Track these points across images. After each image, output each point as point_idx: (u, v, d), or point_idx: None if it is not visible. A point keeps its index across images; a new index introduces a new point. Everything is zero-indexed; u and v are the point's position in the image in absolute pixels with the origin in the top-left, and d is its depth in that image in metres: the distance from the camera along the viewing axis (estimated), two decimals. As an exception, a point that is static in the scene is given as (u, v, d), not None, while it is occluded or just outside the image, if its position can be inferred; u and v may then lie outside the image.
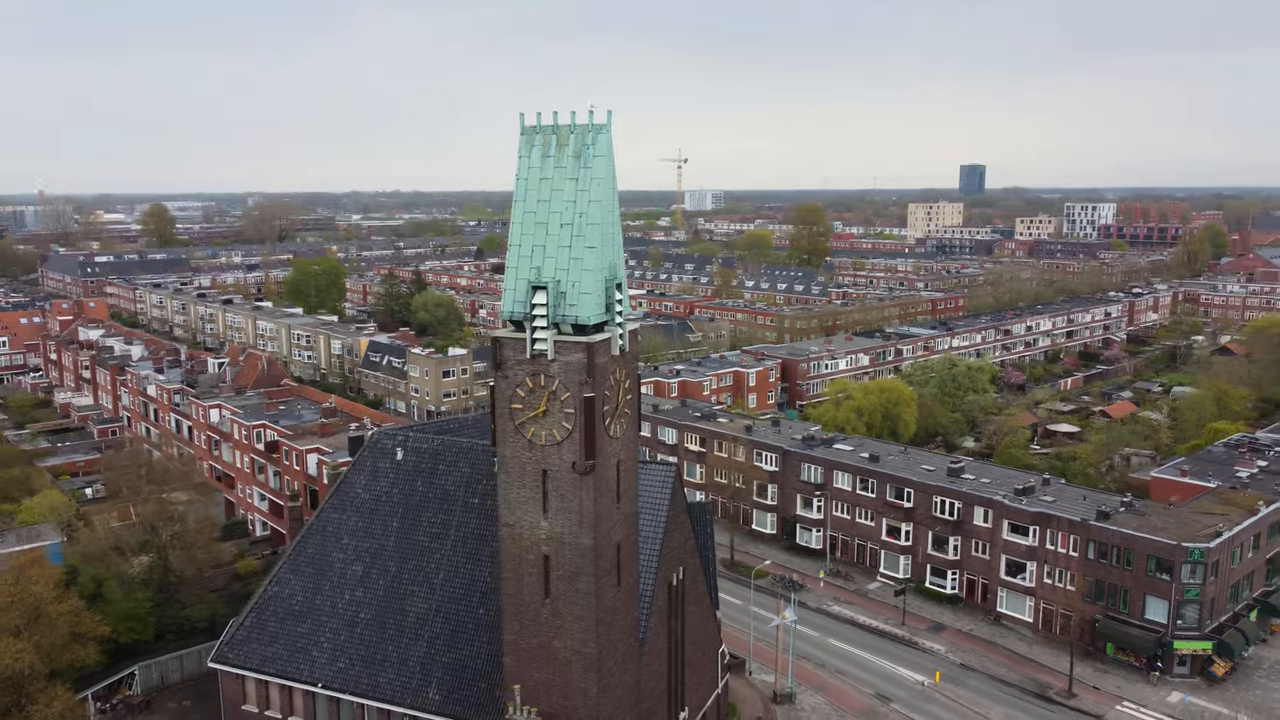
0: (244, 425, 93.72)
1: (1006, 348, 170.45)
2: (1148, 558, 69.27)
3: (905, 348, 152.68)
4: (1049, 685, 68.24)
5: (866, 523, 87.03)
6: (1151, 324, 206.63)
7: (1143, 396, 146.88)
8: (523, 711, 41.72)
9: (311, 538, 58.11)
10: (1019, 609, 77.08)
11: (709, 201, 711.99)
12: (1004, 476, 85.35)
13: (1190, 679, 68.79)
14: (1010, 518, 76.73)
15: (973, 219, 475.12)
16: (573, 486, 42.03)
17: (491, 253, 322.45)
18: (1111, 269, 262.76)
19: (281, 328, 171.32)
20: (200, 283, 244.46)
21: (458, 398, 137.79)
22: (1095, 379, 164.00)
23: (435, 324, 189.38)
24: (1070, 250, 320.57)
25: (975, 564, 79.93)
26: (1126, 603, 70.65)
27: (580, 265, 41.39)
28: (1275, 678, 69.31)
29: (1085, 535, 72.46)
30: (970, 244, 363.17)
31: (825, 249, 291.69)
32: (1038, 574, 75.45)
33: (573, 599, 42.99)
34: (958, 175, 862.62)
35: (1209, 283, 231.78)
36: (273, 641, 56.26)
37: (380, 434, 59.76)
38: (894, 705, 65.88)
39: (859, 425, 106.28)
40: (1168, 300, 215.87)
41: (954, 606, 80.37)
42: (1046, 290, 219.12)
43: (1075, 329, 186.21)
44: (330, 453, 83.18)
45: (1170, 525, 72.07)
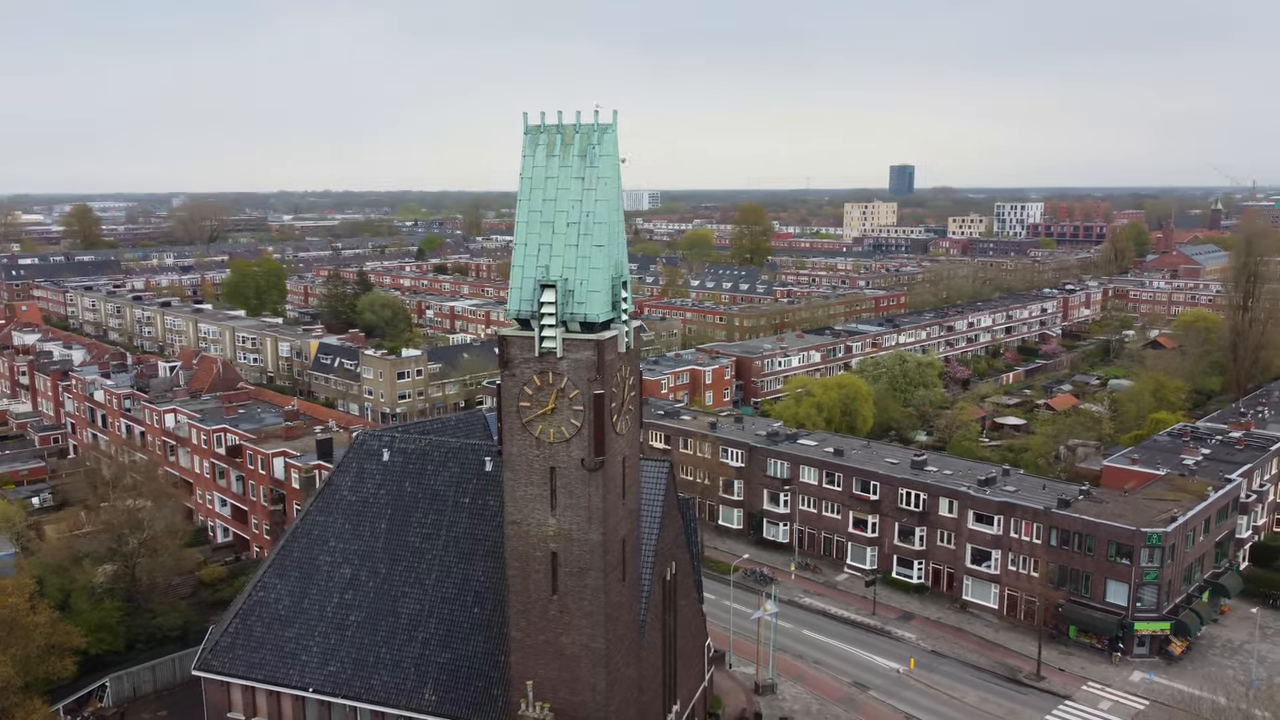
0: (203, 429, 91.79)
1: (950, 343, 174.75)
2: (1108, 543, 72.00)
3: (854, 344, 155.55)
4: (1018, 669, 70.53)
5: (833, 516, 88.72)
6: (1084, 319, 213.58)
7: (1082, 389, 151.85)
8: (536, 707, 41.92)
9: (296, 541, 57.39)
10: (984, 596, 79.41)
11: (646, 201, 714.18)
12: (965, 468, 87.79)
13: (1150, 658, 71.73)
14: (975, 508, 79.03)
15: (905, 219, 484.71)
16: (581, 483, 42.40)
17: (433, 253, 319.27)
18: (1043, 266, 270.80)
19: (225, 330, 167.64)
20: (133, 285, 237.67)
21: (413, 399, 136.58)
22: (1035, 373, 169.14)
23: (382, 325, 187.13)
24: (1002, 248, 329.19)
25: (941, 554, 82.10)
26: (1088, 587, 73.32)
27: (588, 264, 41.77)
28: (1228, 655, 72.61)
29: (1048, 523, 75.01)
30: (906, 243, 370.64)
31: (767, 248, 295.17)
32: (1002, 562, 77.84)
33: (581, 595, 43.37)
34: (887, 175, 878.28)
35: (1136, 279, 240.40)
36: (259, 647, 55.45)
37: (365, 435, 59.29)
38: (872, 693, 67.46)
39: (819, 421, 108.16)
40: (1099, 296, 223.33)
41: (921, 595, 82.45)
42: (984, 288, 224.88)
43: (1014, 325, 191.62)
44: (298, 456, 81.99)
45: (1127, 512, 74.99)
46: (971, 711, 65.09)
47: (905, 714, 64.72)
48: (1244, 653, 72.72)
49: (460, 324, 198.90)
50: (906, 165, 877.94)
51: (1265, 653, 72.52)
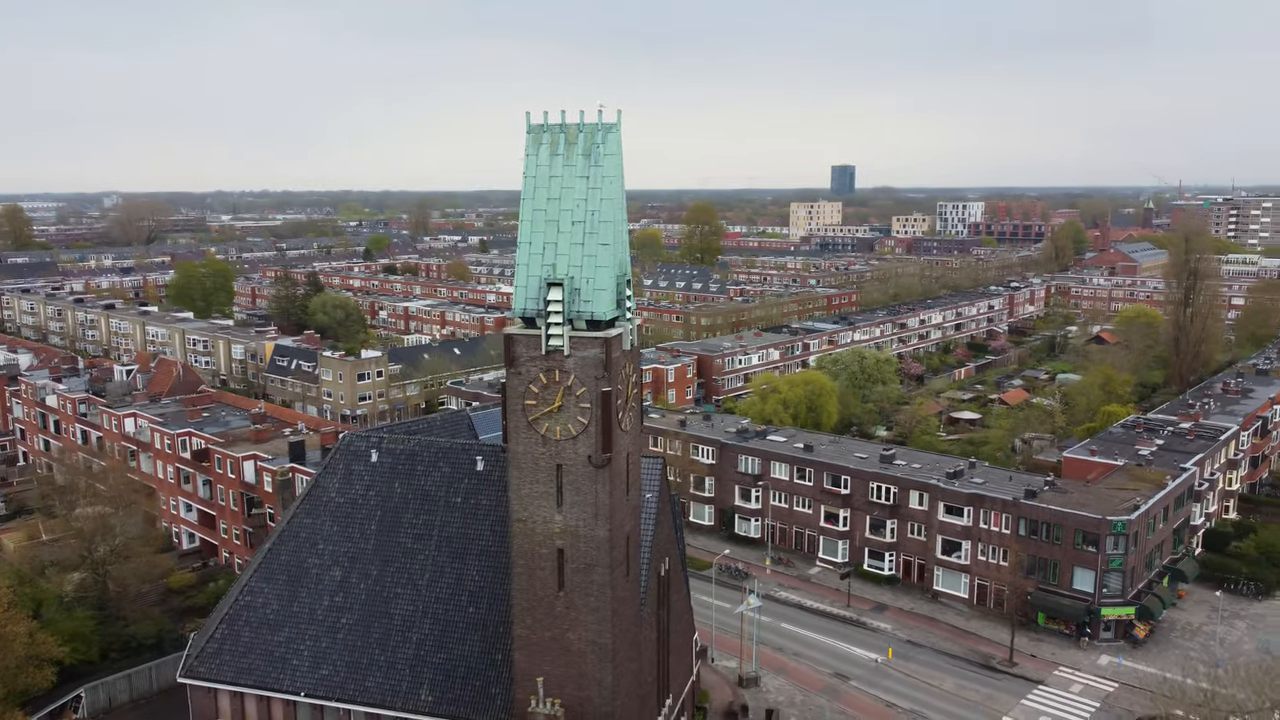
0: (167, 434, 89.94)
1: (902, 340, 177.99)
2: (1075, 532, 74.28)
3: (812, 342, 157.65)
4: (991, 656, 72.39)
5: (804, 510, 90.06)
6: (1029, 316, 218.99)
7: (1032, 384, 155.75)
8: (546, 704, 42.12)
9: (284, 544, 56.71)
10: (955, 586, 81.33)
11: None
12: (932, 461, 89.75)
13: (1115, 643, 74.16)
14: (946, 500, 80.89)
15: (849, 218, 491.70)
16: (588, 480, 42.70)
17: (380, 253, 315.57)
18: (987, 264, 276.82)
19: (175, 333, 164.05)
20: (72, 287, 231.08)
21: (373, 400, 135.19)
22: (985, 368, 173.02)
23: (334, 326, 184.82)
24: (946, 247, 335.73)
25: (912, 545, 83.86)
26: (1056, 575, 75.52)
27: (595, 262, 42.09)
28: (1188, 637, 75.36)
29: (1017, 513, 77.11)
30: (853, 241, 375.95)
31: (717, 248, 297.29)
32: (972, 552, 79.82)
33: (588, 591, 43.67)
34: (829, 175, 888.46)
35: (1077, 276, 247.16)
36: (247, 652, 54.70)
37: (352, 436, 58.82)
38: (853, 683, 68.74)
39: (786, 417, 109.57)
40: (1042, 293, 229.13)
41: (892, 587, 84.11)
42: (932, 286, 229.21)
43: (963, 322, 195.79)
44: (269, 459, 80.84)
45: (1091, 501, 77.40)
46: (949, 698, 66.71)
47: (886, 703, 66.09)
48: (1203, 634, 75.57)
49: (415, 324, 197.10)
50: (848, 165, 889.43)
51: (1223, 634, 75.42)
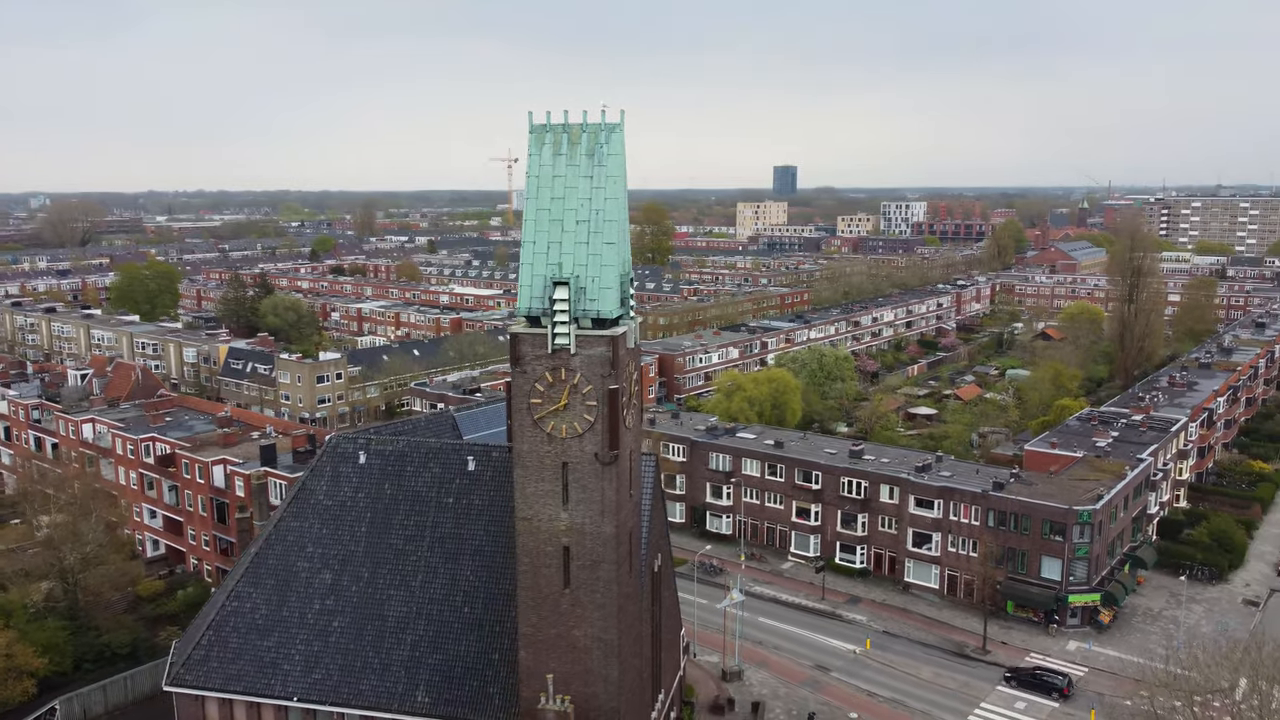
0: (130, 439, 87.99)
1: (856, 338, 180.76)
2: (1043, 522, 76.48)
3: (770, 340, 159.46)
4: (964, 644, 74.24)
5: (776, 506, 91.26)
6: (976, 313, 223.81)
7: (983, 379, 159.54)
8: (557, 700, 42.37)
9: (271, 548, 56.08)
10: (926, 577, 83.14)
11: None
12: (899, 456, 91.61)
13: (1081, 628, 76.52)
14: (916, 493, 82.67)
15: (794, 218, 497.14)
16: (594, 477, 43.08)
17: (327, 254, 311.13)
18: (932, 263, 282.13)
19: (122, 336, 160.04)
20: (7, 290, 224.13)
21: (333, 403, 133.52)
22: (937, 365, 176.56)
23: (286, 328, 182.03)
24: (891, 246, 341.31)
25: (883, 538, 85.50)
26: (1024, 564, 77.67)
27: (600, 261, 42.47)
28: (1148, 621, 78.07)
29: (986, 505, 79.13)
30: (799, 241, 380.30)
31: (668, 248, 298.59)
32: (943, 543, 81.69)
33: (594, 587, 44.04)
34: (771, 176, 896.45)
35: (1020, 274, 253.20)
36: (236, 659, 54.00)
37: (339, 438, 58.33)
38: (833, 674, 70.01)
39: (751, 415, 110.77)
40: (988, 291, 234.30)
41: (864, 579, 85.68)
42: (882, 284, 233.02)
43: (913, 319, 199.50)
44: (240, 463, 79.60)
45: (1056, 492, 79.74)
46: (928, 686, 68.30)
47: (868, 692, 67.45)
48: (1164, 618, 78.35)
49: (369, 326, 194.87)
50: (790, 166, 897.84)
51: (1182, 618, 78.26)
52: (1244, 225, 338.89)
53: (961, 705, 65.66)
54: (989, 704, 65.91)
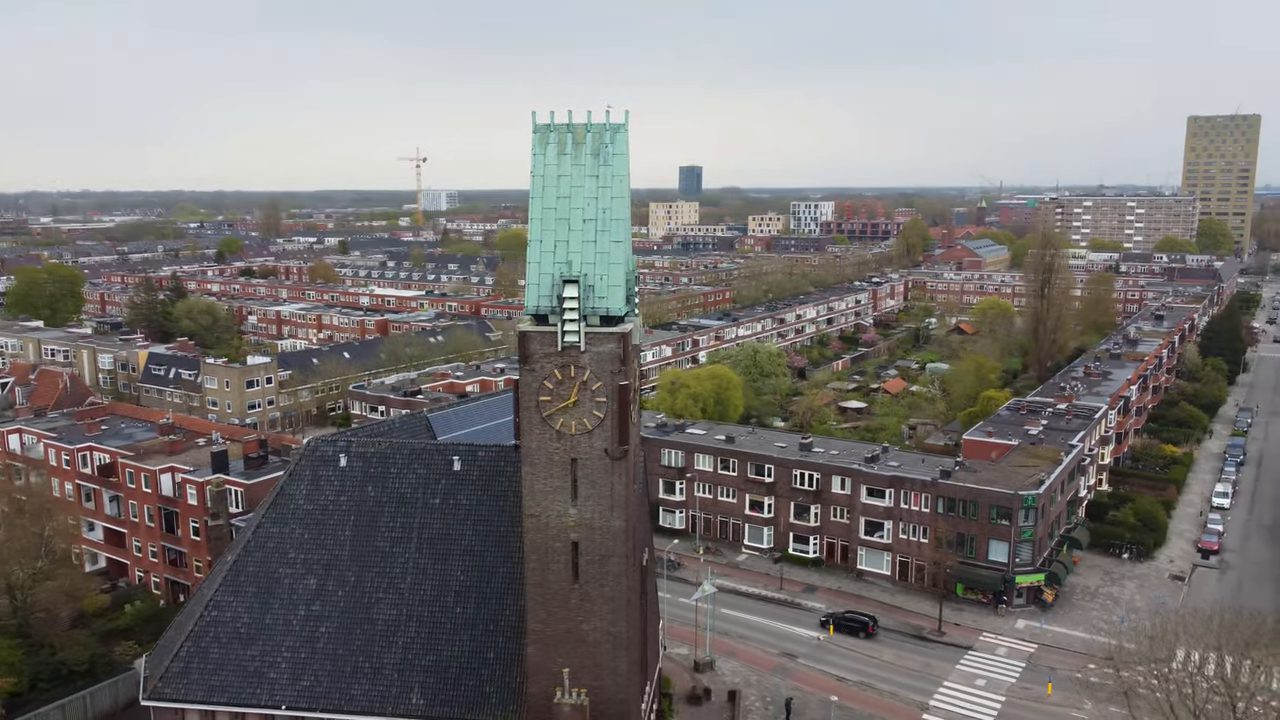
0: (65, 449, 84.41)
1: (781, 335, 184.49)
2: (990, 507, 79.94)
3: (700, 338, 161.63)
4: (921, 627, 77.10)
5: (729, 500, 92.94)
6: (891, 309, 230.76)
7: (905, 373, 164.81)
8: (572, 694, 42.81)
9: (250, 555, 54.89)
10: (878, 564, 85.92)
11: (444, 201, 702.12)
12: (846, 448, 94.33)
13: (1027, 607, 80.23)
14: (868, 483, 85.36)
15: (704, 218, 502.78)
16: (604, 472, 43.66)
17: (234, 256, 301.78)
18: (844, 261, 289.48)
19: (28, 343, 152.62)
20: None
21: (263, 409, 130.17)
22: (859, 360, 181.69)
23: (201, 332, 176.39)
24: (802, 245, 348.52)
25: (835, 528, 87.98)
26: (973, 548, 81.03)
27: (608, 259, 43.07)
28: (1088, 599, 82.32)
29: (935, 493, 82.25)
30: (713, 240, 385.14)
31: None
32: (894, 531, 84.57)
33: (603, 582, 44.62)
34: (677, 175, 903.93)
35: (931, 271, 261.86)
36: (218, 670, 52.71)
37: (318, 441, 57.40)
38: (800, 660, 71.91)
39: (695, 410, 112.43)
40: (901, 288, 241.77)
41: (818, 569, 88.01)
42: (800, 282, 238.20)
43: (834, 316, 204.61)
44: (191, 470, 77.27)
45: (999, 478, 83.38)
46: (891, 668, 70.78)
47: (836, 677, 69.49)
48: (1101, 595, 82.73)
49: (289, 329, 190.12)
50: (695, 166, 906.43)
51: (1116, 594, 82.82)
52: (1131, 223, 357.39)
53: (927, 685, 68.25)
54: (951, 683, 68.67)
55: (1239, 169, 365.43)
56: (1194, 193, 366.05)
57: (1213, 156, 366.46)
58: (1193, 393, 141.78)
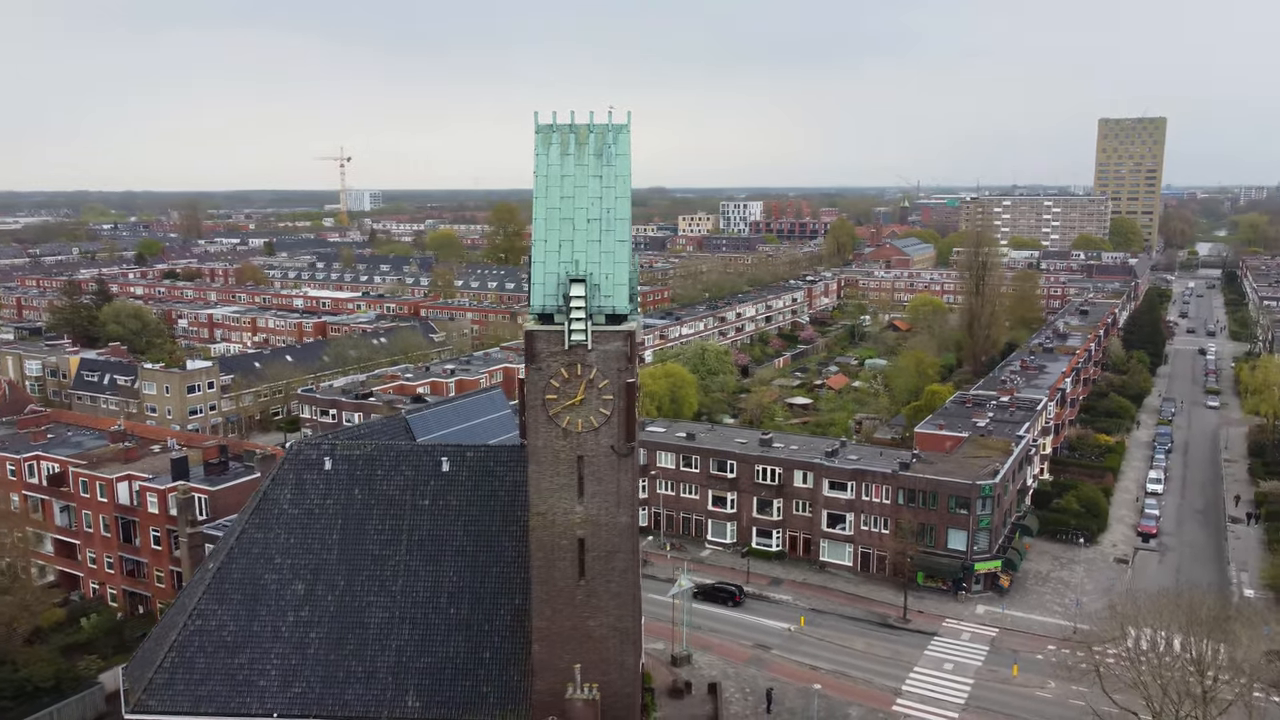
0: (11, 459, 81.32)
1: (722, 333, 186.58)
2: (949, 497, 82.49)
3: (646, 338, 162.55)
4: (886, 615, 79.20)
5: (691, 496, 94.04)
6: (826, 307, 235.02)
7: (845, 369, 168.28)
8: (584, 689, 43.18)
9: (235, 562, 53.88)
10: (840, 556, 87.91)
11: (368, 201, 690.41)
12: (805, 443, 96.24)
13: (984, 594, 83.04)
14: (830, 476, 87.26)
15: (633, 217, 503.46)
16: (610, 469, 44.17)
17: (155, 258, 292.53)
18: (776, 260, 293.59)
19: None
20: None
21: (205, 414, 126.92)
22: (799, 357, 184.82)
23: (130, 337, 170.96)
24: (734, 244, 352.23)
25: (798, 521, 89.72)
26: (933, 537, 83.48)
27: (613, 258, 43.61)
28: (1041, 583, 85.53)
29: (896, 484, 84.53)
30: (644, 240, 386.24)
31: (522, 247, 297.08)
32: (856, 523, 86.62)
33: (609, 577, 45.11)
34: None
35: (863, 270, 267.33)
36: (205, 679, 51.67)
37: (301, 445, 56.61)
38: (774, 651, 73.29)
39: (650, 408, 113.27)
40: (834, 286, 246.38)
41: (781, 562, 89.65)
42: (736, 281, 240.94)
43: (771, 314, 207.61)
44: (150, 478, 75.24)
45: (955, 469, 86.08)
46: (864, 655, 72.63)
47: (810, 666, 71.03)
48: (1052, 580, 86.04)
49: (221, 333, 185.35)
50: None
51: (1066, 578, 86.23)
52: (1048, 221, 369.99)
53: (898, 670, 70.24)
54: (921, 668, 70.78)
55: (1146, 170, 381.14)
56: (1106, 192, 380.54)
57: (1122, 158, 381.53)
58: (1120, 384, 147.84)
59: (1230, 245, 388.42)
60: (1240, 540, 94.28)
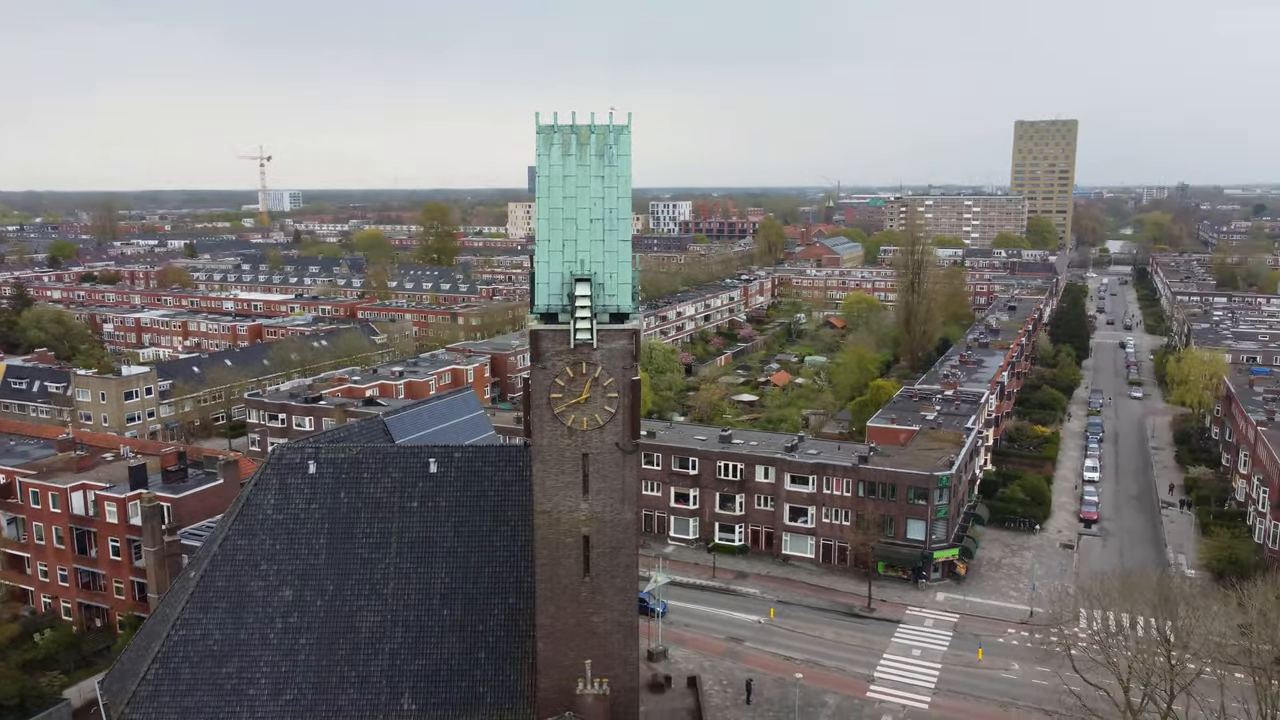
0: (-48, 471, 77.99)
1: (664, 332, 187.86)
2: (908, 488, 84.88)
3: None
4: (852, 605, 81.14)
5: (654, 494, 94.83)
6: (761, 305, 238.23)
7: (787, 366, 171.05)
8: (595, 684, 43.56)
9: (218, 569, 52.81)
10: (802, 548, 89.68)
11: (287, 202, 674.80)
12: (764, 438, 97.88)
13: (942, 581, 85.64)
14: (792, 470, 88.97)
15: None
16: (615, 466, 44.65)
17: (69, 260, 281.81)
18: (709, 260, 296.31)
19: None
20: None
21: (143, 421, 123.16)
22: (739, 355, 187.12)
23: (52, 342, 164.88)
24: (665, 244, 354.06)
25: (760, 516, 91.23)
26: (893, 527, 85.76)
27: (616, 258, 44.10)
28: (993, 569, 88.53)
29: (856, 477, 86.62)
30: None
31: (454, 248, 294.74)
32: (817, 515, 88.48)
33: (614, 573, 45.57)
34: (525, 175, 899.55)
35: (795, 269, 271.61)
36: (192, 690, 50.58)
37: (284, 449, 55.66)
38: (747, 644, 74.57)
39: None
40: (769, 285, 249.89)
41: (744, 556, 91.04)
42: (672, 280, 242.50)
43: (710, 313, 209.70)
44: (107, 487, 73.03)
45: (912, 461, 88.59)
46: (835, 645, 74.36)
47: (784, 656, 72.48)
48: (1005, 565, 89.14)
49: (150, 337, 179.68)
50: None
51: (1018, 564, 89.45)
52: (969, 220, 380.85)
53: (869, 658, 72.11)
54: (890, 655, 72.78)
55: (1060, 170, 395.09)
56: (1022, 192, 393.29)
57: (1037, 159, 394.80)
58: (1051, 377, 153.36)
59: (1138, 243, 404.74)
60: (1174, 524, 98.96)
